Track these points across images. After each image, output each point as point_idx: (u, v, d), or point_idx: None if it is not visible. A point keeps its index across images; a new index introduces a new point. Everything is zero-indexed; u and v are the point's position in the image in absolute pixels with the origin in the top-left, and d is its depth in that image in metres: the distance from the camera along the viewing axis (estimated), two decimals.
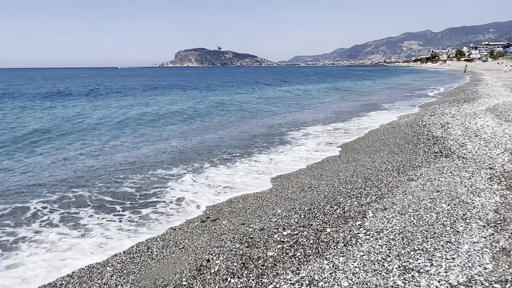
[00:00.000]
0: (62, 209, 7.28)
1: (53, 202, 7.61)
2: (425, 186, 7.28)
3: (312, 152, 11.58)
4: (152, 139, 14.47)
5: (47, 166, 10.41)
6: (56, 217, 6.87)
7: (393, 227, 5.54)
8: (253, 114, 22.13)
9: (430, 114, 17.37)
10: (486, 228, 5.28)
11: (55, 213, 7.09)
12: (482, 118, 14.72)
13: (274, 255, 5.05)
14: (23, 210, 7.23)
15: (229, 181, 8.79)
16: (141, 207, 7.34)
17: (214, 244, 5.62)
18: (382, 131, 14.18)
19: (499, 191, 6.72)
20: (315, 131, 15.35)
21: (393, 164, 9.27)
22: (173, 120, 19.95)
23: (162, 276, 4.87)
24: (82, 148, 12.78)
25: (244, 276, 4.60)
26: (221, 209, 7.14)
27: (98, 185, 8.63)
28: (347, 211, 6.40)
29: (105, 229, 6.40)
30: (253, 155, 11.35)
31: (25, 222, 6.72)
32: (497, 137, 11.11)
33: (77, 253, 5.58)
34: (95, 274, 5.00)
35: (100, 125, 18.20)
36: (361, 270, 4.42)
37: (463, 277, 4.10)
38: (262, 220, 6.37)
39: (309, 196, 7.46)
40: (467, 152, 9.71)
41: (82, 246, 5.80)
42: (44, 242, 5.93)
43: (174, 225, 6.53)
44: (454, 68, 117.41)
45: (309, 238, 5.47)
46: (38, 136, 14.99)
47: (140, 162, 10.66)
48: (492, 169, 8.07)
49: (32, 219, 6.82)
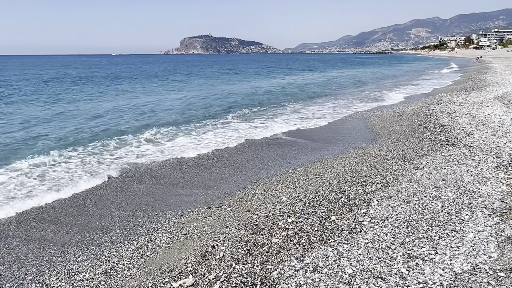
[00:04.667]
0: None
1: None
2: (431, 175, 7.24)
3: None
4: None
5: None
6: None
7: (398, 215, 5.53)
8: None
9: (437, 102, 17.18)
10: (492, 217, 5.26)
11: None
12: (490, 106, 14.54)
13: (278, 242, 5.08)
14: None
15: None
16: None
17: (219, 230, 5.66)
18: (388, 120, 14.07)
19: (506, 180, 6.67)
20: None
21: (399, 152, 9.22)
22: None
23: (167, 262, 4.92)
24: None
25: (249, 262, 4.63)
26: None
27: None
28: (352, 199, 6.39)
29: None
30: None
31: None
32: (505, 125, 10.98)
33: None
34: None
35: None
36: (365, 258, 4.44)
37: (467, 265, 4.11)
38: (267, 207, 6.39)
39: (314, 184, 7.46)
40: (474, 140, 9.62)
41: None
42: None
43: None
44: (463, 56, 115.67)
45: (314, 225, 5.48)
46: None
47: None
48: (499, 158, 7.99)
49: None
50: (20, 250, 5.64)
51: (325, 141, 11.71)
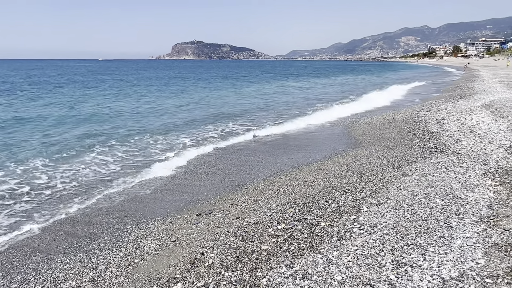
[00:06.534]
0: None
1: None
2: (420, 182, 7.31)
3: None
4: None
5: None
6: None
7: (387, 221, 5.56)
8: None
9: (426, 109, 17.39)
10: (479, 223, 5.32)
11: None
12: (477, 114, 14.76)
13: (268, 248, 5.06)
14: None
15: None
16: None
17: (208, 237, 5.62)
18: (378, 126, 14.19)
19: (493, 187, 6.76)
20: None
21: (388, 159, 9.29)
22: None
23: (156, 269, 4.87)
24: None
25: (238, 269, 4.60)
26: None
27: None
28: (342, 206, 6.41)
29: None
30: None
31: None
32: (492, 133, 11.15)
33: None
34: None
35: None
36: (355, 264, 4.44)
37: (455, 271, 4.13)
38: (257, 214, 6.37)
39: (304, 190, 7.47)
40: (462, 148, 9.74)
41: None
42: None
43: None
44: (451, 64, 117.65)
45: (304, 232, 5.48)
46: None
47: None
48: (486, 165, 8.10)
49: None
50: (5, 258, 5.53)
51: (312, 146, 11.75)
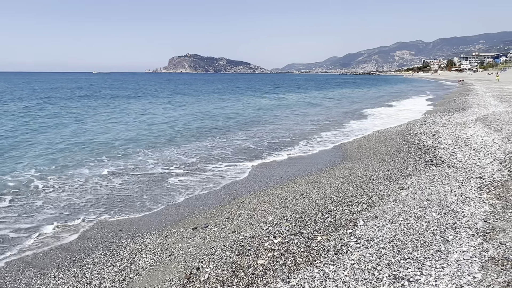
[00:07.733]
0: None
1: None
2: (416, 195, 7.32)
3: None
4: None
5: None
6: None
7: (383, 235, 5.55)
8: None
9: (421, 123, 17.53)
10: (476, 237, 5.31)
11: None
12: (472, 127, 14.89)
13: (264, 263, 5.02)
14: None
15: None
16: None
17: (204, 251, 5.57)
18: (374, 140, 14.26)
19: (489, 200, 6.78)
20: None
21: (384, 172, 9.31)
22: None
23: (151, 284, 4.81)
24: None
25: (234, 284, 4.56)
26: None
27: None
28: (338, 219, 6.39)
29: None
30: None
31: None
32: (487, 146, 11.24)
33: None
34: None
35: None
36: (351, 279, 4.41)
37: (452, 286, 4.11)
38: (253, 228, 6.34)
39: (300, 203, 7.46)
40: (457, 161, 9.80)
41: None
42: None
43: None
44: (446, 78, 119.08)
45: (300, 246, 5.45)
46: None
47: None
48: (481, 178, 8.14)
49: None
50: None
51: (308, 159, 11.77)
